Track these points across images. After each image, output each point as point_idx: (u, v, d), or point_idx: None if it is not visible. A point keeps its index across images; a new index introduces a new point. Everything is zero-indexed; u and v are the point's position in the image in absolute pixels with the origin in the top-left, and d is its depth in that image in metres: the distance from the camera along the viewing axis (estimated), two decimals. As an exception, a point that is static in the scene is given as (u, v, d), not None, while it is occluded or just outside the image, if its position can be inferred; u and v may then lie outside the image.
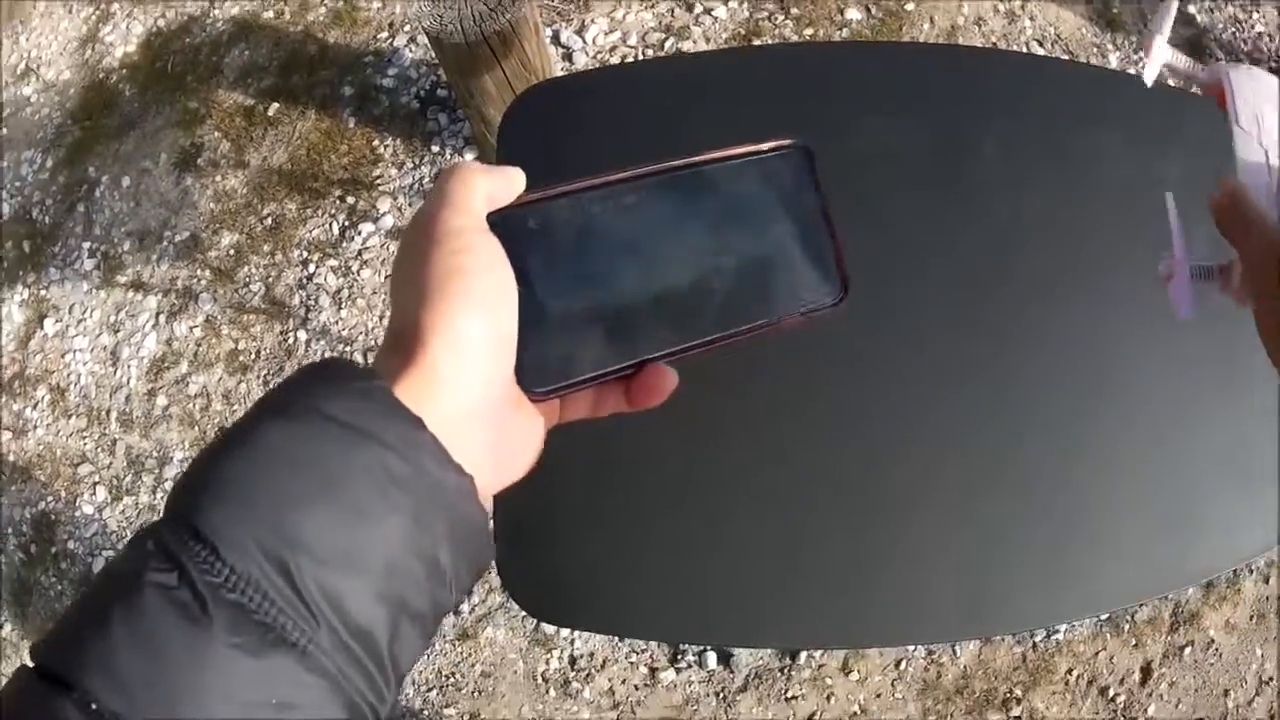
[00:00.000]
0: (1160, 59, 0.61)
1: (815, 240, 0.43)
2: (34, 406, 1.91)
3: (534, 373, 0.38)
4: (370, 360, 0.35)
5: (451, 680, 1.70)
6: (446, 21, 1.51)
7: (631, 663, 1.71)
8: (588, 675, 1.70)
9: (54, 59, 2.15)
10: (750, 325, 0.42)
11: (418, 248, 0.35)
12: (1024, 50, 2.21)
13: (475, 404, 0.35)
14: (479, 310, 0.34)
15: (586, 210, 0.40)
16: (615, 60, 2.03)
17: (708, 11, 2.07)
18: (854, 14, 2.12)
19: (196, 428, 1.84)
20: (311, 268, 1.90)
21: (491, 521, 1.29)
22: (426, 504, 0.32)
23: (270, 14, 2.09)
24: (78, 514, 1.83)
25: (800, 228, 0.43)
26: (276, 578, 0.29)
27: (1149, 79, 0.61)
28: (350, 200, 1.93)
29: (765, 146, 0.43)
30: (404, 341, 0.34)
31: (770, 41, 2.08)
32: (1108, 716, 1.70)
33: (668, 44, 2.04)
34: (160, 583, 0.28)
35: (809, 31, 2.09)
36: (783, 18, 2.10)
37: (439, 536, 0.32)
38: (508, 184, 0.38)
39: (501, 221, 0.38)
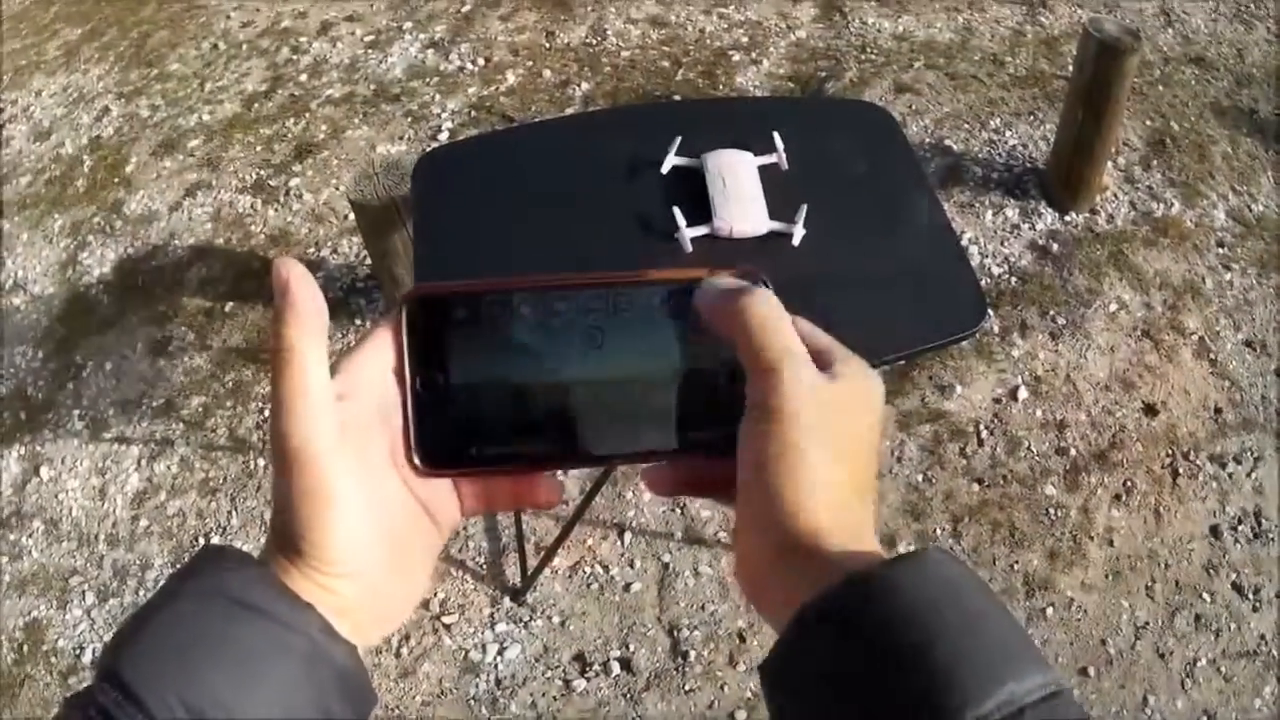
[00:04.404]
0: None
1: (722, 382, 0.40)
2: (29, 536, 2.31)
3: (429, 452, 0.40)
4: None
5: (397, 712, 1.99)
6: (366, 192, 2.28)
7: (548, 679, 2.01)
8: (512, 692, 2.00)
9: (38, 278, 2.74)
10: (639, 453, 0.42)
11: (276, 461, 0.39)
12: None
13: (354, 594, 0.40)
14: (340, 523, 0.39)
15: (515, 310, 0.40)
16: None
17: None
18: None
19: (174, 539, 2.29)
20: (268, 412, 2.45)
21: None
22: (319, 668, 0.38)
23: (221, 241, 2.80)
24: (68, 616, 2.19)
25: (711, 365, 0.41)
26: None
27: None
28: (295, 364, 2.55)
29: (703, 275, 0.41)
30: (286, 540, 0.39)
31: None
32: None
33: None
34: None
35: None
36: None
37: (331, 696, 0.38)
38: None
39: (428, 300, 0.40)
